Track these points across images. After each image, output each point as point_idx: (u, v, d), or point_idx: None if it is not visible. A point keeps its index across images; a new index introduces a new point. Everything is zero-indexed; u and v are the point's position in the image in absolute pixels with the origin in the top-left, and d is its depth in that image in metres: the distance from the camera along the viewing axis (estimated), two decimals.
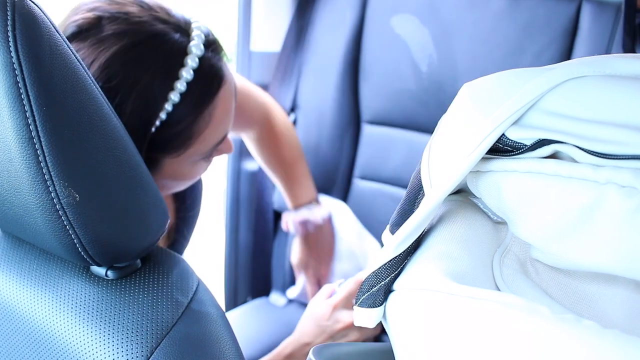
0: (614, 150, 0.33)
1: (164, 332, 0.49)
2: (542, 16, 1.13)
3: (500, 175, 0.38)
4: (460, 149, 0.37)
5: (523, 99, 0.36)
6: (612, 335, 0.30)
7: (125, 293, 0.51)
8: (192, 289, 0.53)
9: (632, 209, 0.32)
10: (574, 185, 0.34)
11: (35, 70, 0.43)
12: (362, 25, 1.32)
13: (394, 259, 0.40)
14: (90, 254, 0.48)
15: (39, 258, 0.54)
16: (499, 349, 0.32)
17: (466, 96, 0.39)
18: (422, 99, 1.25)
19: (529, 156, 0.37)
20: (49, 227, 0.47)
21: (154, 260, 0.55)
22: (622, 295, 0.39)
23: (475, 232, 0.42)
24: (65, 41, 0.47)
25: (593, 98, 0.35)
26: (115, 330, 0.48)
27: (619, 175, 0.33)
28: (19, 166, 0.44)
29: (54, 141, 0.44)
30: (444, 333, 0.35)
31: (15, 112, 0.43)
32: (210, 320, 0.52)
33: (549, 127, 0.35)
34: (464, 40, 1.20)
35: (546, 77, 0.36)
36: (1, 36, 0.42)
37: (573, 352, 0.30)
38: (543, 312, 0.32)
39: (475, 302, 0.34)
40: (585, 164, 0.34)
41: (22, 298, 0.51)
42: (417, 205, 0.39)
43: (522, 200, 0.37)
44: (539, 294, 0.39)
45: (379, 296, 0.41)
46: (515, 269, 0.41)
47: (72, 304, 0.50)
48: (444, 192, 0.38)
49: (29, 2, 0.44)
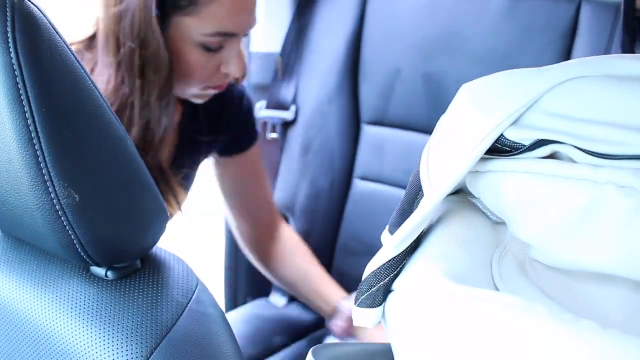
0: (612, 150, 0.33)
1: (163, 333, 0.49)
2: (542, 17, 1.14)
3: (499, 175, 0.38)
4: (459, 149, 0.37)
5: (522, 100, 0.36)
6: (611, 335, 0.30)
7: (125, 293, 0.51)
8: (192, 289, 0.54)
9: (631, 209, 0.32)
10: (573, 185, 0.34)
11: (35, 71, 0.43)
12: (361, 26, 1.32)
13: (393, 259, 0.40)
14: (89, 255, 0.48)
15: (39, 258, 0.54)
16: (497, 348, 0.32)
17: (465, 97, 0.39)
18: (422, 99, 1.25)
19: (528, 156, 0.37)
20: (48, 228, 0.47)
21: (153, 260, 0.55)
22: (621, 295, 0.39)
23: (474, 232, 0.42)
24: (64, 42, 0.47)
25: (592, 98, 0.35)
26: (114, 331, 0.48)
27: (618, 175, 0.33)
28: (19, 167, 0.45)
29: (53, 142, 0.44)
30: (443, 333, 0.35)
31: (14, 113, 0.43)
32: (210, 321, 0.52)
33: (548, 128, 0.36)
34: (464, 41, 1.20)
35: (545, 77, 0.37)
36: (1, 37, 0.42)
37: (572, 352, 0.30)
38: (542, 312, 0.32)
39: (474, 302, 0.34)
40: (584, 164, 0.34)
41: (21, 298, 0.51)
42: (416, 206, 0.40)
43: (520, 200, 0.37)
44: (537, 294, 0.39)
45: (378, 296, 0.41)
46: (514, 269, 0.41)
47: (72, 304, 0.50)
48: (443, 192, 0.38)
49: (28, 3, 0.44)
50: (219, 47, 0.84)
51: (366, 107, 1.32)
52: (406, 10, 1.26)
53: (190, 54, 0.83)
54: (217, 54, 0.85)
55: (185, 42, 0.81)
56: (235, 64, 0.86)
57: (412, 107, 1.27)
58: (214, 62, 0.85)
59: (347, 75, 1.32)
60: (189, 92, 0.90)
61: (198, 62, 0.83)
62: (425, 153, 0.41)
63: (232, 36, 0.83)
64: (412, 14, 1.26)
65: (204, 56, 0.83)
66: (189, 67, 0.84)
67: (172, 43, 0.82)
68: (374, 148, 1.32)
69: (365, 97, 1.32)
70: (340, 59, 1.32)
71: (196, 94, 0.90)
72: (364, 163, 1.33)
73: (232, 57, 0.85)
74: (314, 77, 1.35)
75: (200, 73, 0.85)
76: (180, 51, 0.82)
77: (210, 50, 0.83)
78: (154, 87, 0.82)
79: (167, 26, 0.80)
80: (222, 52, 0.85)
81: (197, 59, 0.83)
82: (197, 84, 0.88)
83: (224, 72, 0.87)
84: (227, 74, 0.87)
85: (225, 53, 0.85)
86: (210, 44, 0.82)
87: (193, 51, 0.82)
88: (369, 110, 1.32)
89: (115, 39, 0.80)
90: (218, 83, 0.89)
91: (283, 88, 1.38)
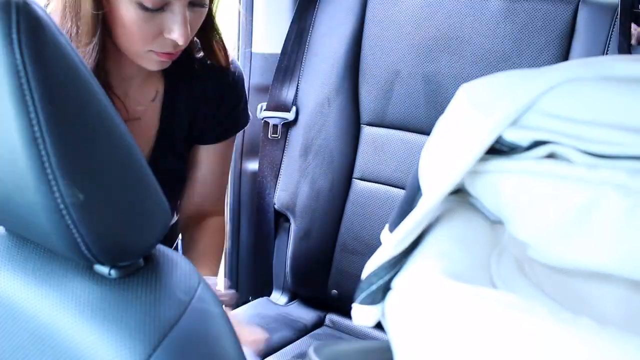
0: (610, 150, 0.34)
1: (166, 330, 0.49)
2: (540, 18, 1.14)
3: (498, 175, 0.38)
4: (458, 149, 0.38)
5: (521, 100, 0.37)
6: (610, 334, 0.30)
7: (128, 291, 0.51)
8: (194, 287, 0.54)
9: (628, 209, 0.33)
10: (570, 185, 0.35)
11: (39, 72, 0.44)
12: (361, 28, 1.32)
13: (392, 257, 0.40)
14: (93, 253, 0.49)
15: (43, 257, 0.55)
16: (496, 346, 0.33)
17: (464, 98, 0.40)
18: (421, 100, 1.25)
19: (526, 157, 0.37)
20: (53, 226, 0.47)
21: (156, 259, 0.56)
22: (618, 294, 0.39)
23: (473, 231, 0.42)
24: (68, 43, 0.48)
25: (590, 99, 0.35)
26: (117, 328, 0.48)
27: (615, 175, 0.33)
28: (24, 166, 0.45)
29: (58, 141, 0.45)
30: (442, 331, 0.35)
31: (20, 113, 0.44)
32: (212, 318, 0.53)
33: (546, 128, 0.36)
34: (462, 43, 1.21)
35: (544, 78, 0.37)
36: (6, 39, 0.43)
37: (571, 349, 0.30)
38: (541, 310, 0.32)
39: (473, 300, 0.35)
40: (581, 164, 0.35)
41: (25, 296, 0.52)
42: (415, 205, 0.40)
43: (519, 200, 0.37)
44: (536, 293, 0.39)
45: (377, 294, 0.41)
46: (512, 268, 0.41)
47: (76, 302, 0.50)
48: (442, 192, 0.38)
49: (32, 5, 0.45)
50: (160, 9, 0.82)
51: (366, 108, 1.33)
52: (405, 13, 1.27)
53: (125, 10, 0.81)
54: (157, 16, 0.83)
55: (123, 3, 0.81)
56: (177, 30, 0.83)
57: (412, 108, 1.27)
58: (153, 25, 0.83)
59: (347, 77, 1.32)
60: (133, 53, 0.89)
61: (133, 20, 0.82)
62: (425, 153, 0.41)
63: None
64: (412, 16, 1.26)
65: (141, 15, 0.82)
66: (124, 24, 0.83)
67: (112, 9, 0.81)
68: (373, 149, 1.32)
69: (365, 98, 1.32)
70: (340, 60, 1.32)
71: (142, 56, 0.89)
72: (364, 163, 1.34)
73: (175, 23, 0.83)
74: (314, 78, 1.35)
75: (137, 33, 0.84)
76: (116, 5, 0.81)
77: (147, 9, 0.82)
78: (82, 32, 0.83)
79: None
80: (163, 15, 0.83)
81: (132, 16, 0.82)
82: (138, 45, 0.86)
83: (167, 37, 0.85)
84: (173, 41, 0.85)
85: (167, 17, 0.83)
86: (147, 2, 0.81)
87: (129, 8, 0.81)
88: (369, 111, 1.32)
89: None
90: (164, 50, 0.87)
91: (284, 89, 1.38)
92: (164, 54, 0.88)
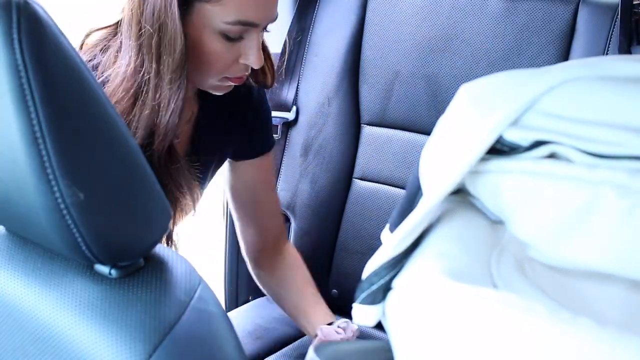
0: (609, 150, 0.34)
1: (166, 330, 0.49)
2: (540, 18, 1.14)
3: (498, 175, 0.38)
4: (459, 149, 0.38)
5: (521, 100, 0.37)
6: (609, 333, 0.30)
7: (128, 291, 0.51)
8: (194, 287, 0.54)
9: (628, 209, 0.33)
10: (570, 185, 0.35)
11: (40, 71, 0.44)
12: (361, 28, 1.32)
13: (393, 257, 0.40)
14: (94, 253, 0.49)
15: (43, 256, 0.55)
16: (496, 346, 0.33)
17: (464, 97, 0.40)
18: (421, 100, 1.25)
19: (527, 157, 0.37)
20: (53, 226, 0.47)
21: (156, 259, 0.56)
22: (618, 294, 0.39)
23: (473, 231, 0.42)
24: (69, 42, 0.48)
25: (589, 99, 0.35)
26: (118, 328, 0.48)
27: (615, 175, 0.33)
28: (24, 166, 0.45)
29: (58, 141, 0.45)
30: (442, 331, 0.35)
31: (20, 113, 0.44)
32: (212, 318, 0.53)
33: (546, 128, 0.36)
34: (462, 43, 1.21)
35: (544, 78, 0.37)
36: (7, 38, 0.43)
37: (570, 349, 0.30)
38: (540, 310, 0.32)
39: (474, 300, 0.35)
40: (581, 164, 0.35)
41: (26, 296, 0.52)
42: (416, 205, 0.40)
43: (519, 200, 0.37)
44: (535, 293, 0.39)
45: (378, 294, 0.41)
46: (513, 268, 0.41)
47: (76, 302, 0.50)
48: (443, 192, 0.38)
49: (33, 5, 0.45)
50: (239, 37, 0.85)
51: (366, 108, 1.33)
52: (406, 13, 1.27)
53: (210, 42, 0.84)
54: (236, 44, 0.86)
55: (206, 29, 0.83)
56: (254, 54, 0.87)
57: (412, 108, 1.27)
58: (233, 52, 0.86)
59: (348, 77, 1.32)
60: (207, 83, 0.91)
61: (217, 50, 0.85)
62: (425, 153, 0.41)
63: (253, 26, 0.84)
64: (412, 16, 1.26)
65: (224, 45, 0.84)
66: (207, 55, 0.85)
67: (193, 30, 0.83)
68: (373, 148, 1.32)
69: (365, 98, 1.33)
70: (340, 60, 1.32)
71: (215, 84, 0.91)
72: (364, 163, 1.34)
73: (251, 49, 0.86)
74: (314, 78, 1.35)
75: (218, 62, 0.86)
76: (201, 38, 0.83)
77: (230, 39, 0.84)
78: (167, 70, 0.83)
79: (189, 12, 0.82)
80: (241, 42, 0.86)
81: (216, 47, 0.84)
82: (215, 74, 0.89)
83: (242, 63, 0.88)
84: (247, 65, 0.88)
85: (244, 44, 0.86)
86: (231, 33, 0.83)
87: (213, 39, 0.84)
88: (369, 111, 1.33)
89: (137, 23, 0.83)
90: (237, 75, 0.90)
91: (284, 89, 1.38)
92: (237, 78, 0.91)
